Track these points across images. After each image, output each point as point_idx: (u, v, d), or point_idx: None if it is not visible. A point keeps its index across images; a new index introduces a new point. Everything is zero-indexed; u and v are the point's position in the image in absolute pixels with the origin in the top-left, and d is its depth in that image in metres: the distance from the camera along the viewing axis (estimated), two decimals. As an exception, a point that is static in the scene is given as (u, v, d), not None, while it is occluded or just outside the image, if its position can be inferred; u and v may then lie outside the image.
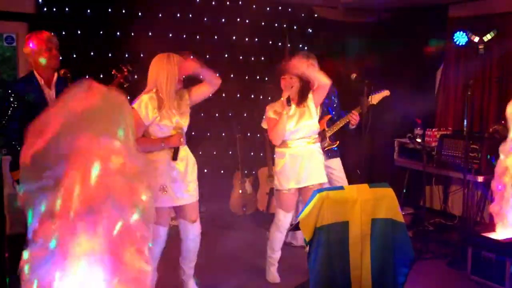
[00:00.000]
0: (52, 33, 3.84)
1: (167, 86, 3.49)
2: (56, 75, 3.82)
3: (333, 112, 4.75)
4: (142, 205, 2.39)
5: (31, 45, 3.72)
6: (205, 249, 4.01)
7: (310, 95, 4.09)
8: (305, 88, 4.06)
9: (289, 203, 4.08)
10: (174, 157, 3.56)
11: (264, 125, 4.18)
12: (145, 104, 3.46)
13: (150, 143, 3.53)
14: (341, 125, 4.70)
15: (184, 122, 3.62)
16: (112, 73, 3.79)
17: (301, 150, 4.03)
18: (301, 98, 4.05)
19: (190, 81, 3.77)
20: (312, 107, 4.07)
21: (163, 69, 3.50)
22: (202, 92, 3.71)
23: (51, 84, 3.80)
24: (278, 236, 4.14)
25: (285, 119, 3.95)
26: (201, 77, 3.71)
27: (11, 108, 3.66)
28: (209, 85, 3.70)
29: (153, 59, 3.58)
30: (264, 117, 4.15)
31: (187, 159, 3.65)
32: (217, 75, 3.73)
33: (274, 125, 4.02)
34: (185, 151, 3.65)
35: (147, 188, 2.46)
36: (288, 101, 3.92)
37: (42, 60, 3.71)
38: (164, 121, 3.52)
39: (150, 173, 2.57)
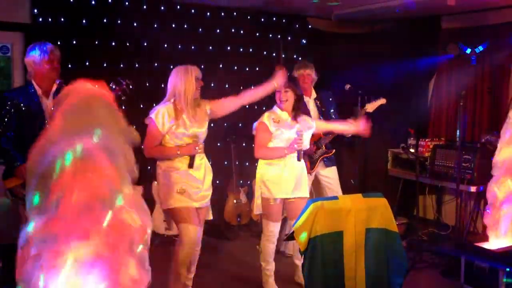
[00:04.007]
0: (55, 46, 3.86)
1: (184, 96, 3.66)
2: (55, 85, 3.81)
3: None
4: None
5: (33, 55, 3.73)
6: (199, 259, 4.01)
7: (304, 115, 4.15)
8: (299, 101, 4.10)
9: (276, 213, 4.09)
10: (190, 165, 3.70)
11: (255, 132, 4.15)
12: (162, 114, 3.63)
13: (167, 151, 3.68)
14: (337, 133, 4.71)
15: (200, 130, 3.75)
16: (111, 85, 3.84)
17: (296, 164, 4.04)
18: (297, 111, 4.09)
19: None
20: (309, 120, 4.14)
21: (181, 80, 3.67)
22: (229, 106, 3.92)
23: (49, 94, 3.79)
24: (270, 247, 4.14)
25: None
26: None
27: (7, 117, 3.65)
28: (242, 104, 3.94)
29: (172, 70, 3.74)
30: (257, 122, 4.12)
31: (204, 167, 3.81)
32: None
33: (265, 141, 4.05)
34: (201, 159, 3.79)
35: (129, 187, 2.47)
36: (300, 156, 3.98)
37: (44, 71, 3.72)
38: (179, 130, 3.66)
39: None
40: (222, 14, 6.08)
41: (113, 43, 5.46)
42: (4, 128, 3.64)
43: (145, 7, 5.61)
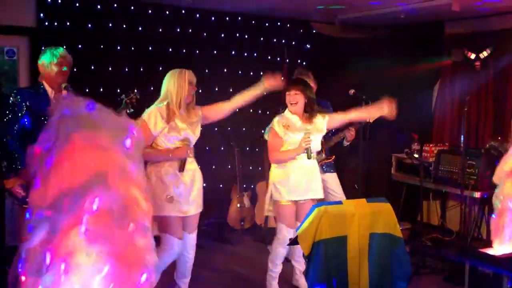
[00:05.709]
0: (68, 52, 3.85)
1: (177, 99, 3.66)
2: (64, 92, 3.76)
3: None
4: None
5: (43, 58, 3.73)
6: (203, 263, 4.01)
7: (319, 115, 4.10)
8: (310, 104, 4.07)
9: (290, 216, 4.07)
10: (181, 169, 3.66)
11: (267, 137, 4.15)
12: (154, 115, 3.62)
13: (158, 153, 3.67)
14: (337, 140, 4.72)
15: (193, 135, 3.74)
16: (122, 98, 3.95)
17: (305, 163, 4.03)
18: (307, 114, 4.06)
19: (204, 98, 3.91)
20: (320, 123, 4.08)
21: (174, 83, 3.67)
22: (221, 111, 3.92)
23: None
24: (281, 251, 4.13)
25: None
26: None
27: (19, 114, 3.63)
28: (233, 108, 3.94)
29: (167, 74, 3.74)
30: (268, 127, 4.13)
31: (193, 172, 3.77)
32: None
33: (277, 146, 4.05)
34: (192, 164, 3.76)
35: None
36: (309, 154, 3.96)
37: (52, 74, 3.71)
38: (172, 133, 3.65)
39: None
40: (227, 18, 6.11)
41: (118, 48, 5.49)
42: (11, 124, 3.61)
43: (150, 12, 5.64)
